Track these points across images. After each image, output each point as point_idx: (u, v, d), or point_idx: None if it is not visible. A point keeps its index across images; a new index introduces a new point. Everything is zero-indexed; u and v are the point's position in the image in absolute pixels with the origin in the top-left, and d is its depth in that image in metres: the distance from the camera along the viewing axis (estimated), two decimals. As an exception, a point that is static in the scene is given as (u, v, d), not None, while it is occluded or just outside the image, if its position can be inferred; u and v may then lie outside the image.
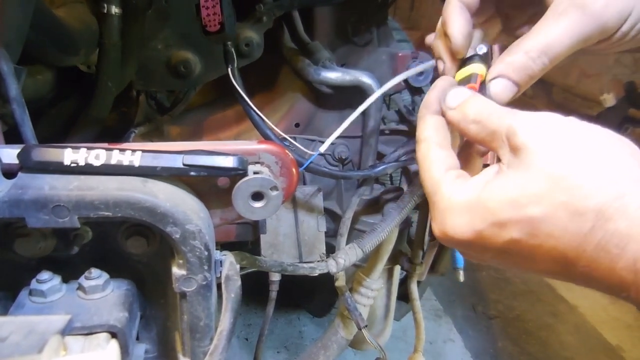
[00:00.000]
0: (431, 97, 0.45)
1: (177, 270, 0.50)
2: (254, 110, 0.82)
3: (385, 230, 0.79)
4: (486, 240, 0.35)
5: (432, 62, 0.56)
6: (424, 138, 0.43)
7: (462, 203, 0.37)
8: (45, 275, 0.50)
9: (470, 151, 0.47)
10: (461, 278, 0.92)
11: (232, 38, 0.79)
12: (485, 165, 0.43)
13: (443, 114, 0.43)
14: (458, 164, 0.42)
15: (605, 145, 0.33)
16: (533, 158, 0.34)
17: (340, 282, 0.89)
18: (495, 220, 0.35)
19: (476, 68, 0.45)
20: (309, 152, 0.77)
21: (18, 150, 0.47)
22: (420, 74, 0.97)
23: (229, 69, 0.80)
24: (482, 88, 0.44)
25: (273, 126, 0.82)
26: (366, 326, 0.87)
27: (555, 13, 0.40)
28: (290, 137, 1.01)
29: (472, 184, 0.38)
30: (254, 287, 1.02)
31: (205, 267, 0.50)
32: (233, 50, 0.80)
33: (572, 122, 0.35)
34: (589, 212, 0.31)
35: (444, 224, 0.38)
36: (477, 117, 0.39)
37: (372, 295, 0.97)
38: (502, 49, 0.48)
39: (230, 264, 0.54)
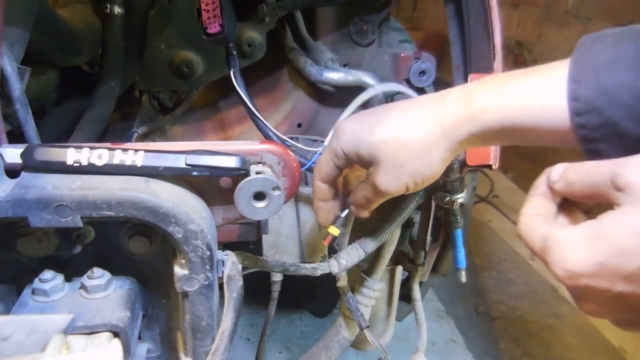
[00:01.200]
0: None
1: (179, 270, 0.50)
2: (256, 113, 0.82)
3: (387, 231, 0.79)
4: (612, 271, 0.35)
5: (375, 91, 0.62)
6: (523, 213, 0.44)
7: (579, 237, 0.37)
8: (47, 274, 0.50)
9: (573, 208, 0.47)
10: (463, 279, 0.91)
11: (232, 40, 0.80)
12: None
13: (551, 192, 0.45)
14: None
15: None
16: None
17: (342, 282, 0.89)
18: (618, 250, 0.35)
19: (332, 229, 0.65)
20: (312, 149, 0.77)
21: (21, 150, 0.47)
22: (423, 74, 0.97)
23: (232, 72, 0.80)
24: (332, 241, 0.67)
25: (275, 130, 0.82)
26: (368, 327, 0.87)
27: None
28: (293, 138, 1.01)
29: (585, 223, 0.38)
30: (256, 287, 1.03)
31: (208, 267, 0.50)
32: (235, 53, 0.80)
33: None
34: None
35: (564, 262, 0.38)
36: (577, 178, 0.41)
37: (373, 295, 0.97)
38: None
39: (232, 264, 0.54)
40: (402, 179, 0.56)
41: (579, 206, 0.44)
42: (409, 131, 0.54)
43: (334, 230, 0.65)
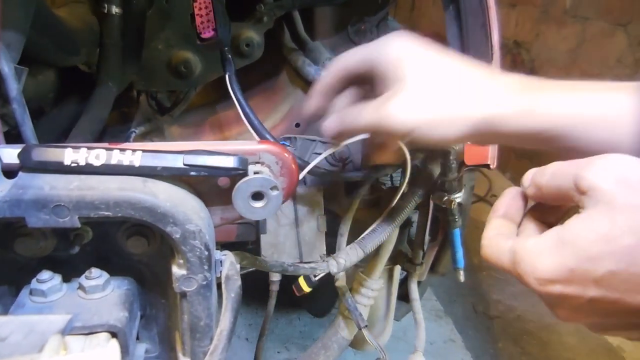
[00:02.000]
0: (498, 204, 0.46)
1: (177, 270, 0.50)
2: (252, 118, 0.82)
3: (386, 231, 0.79)
4: (582, 277, 0.35)
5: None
6: (484, 237, 0.44)
7: (547, 244, 0.37)
8: (45, 274, 0.50)
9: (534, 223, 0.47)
10: (462, 278, 0.92)
11: (227, 44, 0.80)
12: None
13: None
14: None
15: None
16: (611, 193, 0.35)
17: (341, 282, 0.89)
18: (587, 255, 0.35)
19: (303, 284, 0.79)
20: (316, 151, 0.78)
21: (18, 150, 0.47)
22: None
23: (227, 76, 0.80)
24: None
25: (272, 136, 0.83)
26: (366, 326, 0.87)
27: None
28: (291, 138, 1.01)
29: (552, 230, 0.38)
30: (254, 287, 1.03)
31: (206, 267, 0.50)
32: (230, 57, 0.81)
33: (624, 156, 0.37)
34: None
35: (534, 270, 0.37)
36: (545, 182, 0.41)
37: (372, 295, 0.97)
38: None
39: (230, 264, 0.54)
40: (416, 115, 0.49)
41: (545, 218, 0.44)
42: (458, 74, 0.50)
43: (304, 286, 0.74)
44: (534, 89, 0.49)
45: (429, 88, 0.50)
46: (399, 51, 0.52)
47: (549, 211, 0.44)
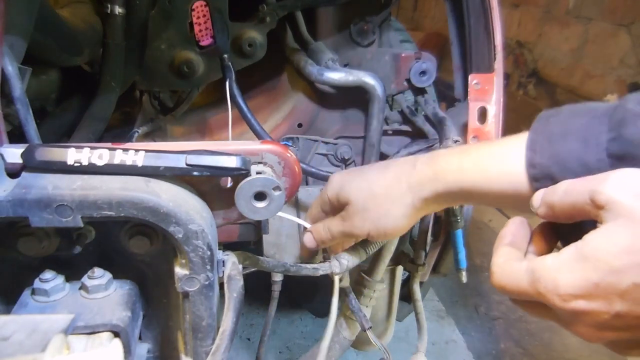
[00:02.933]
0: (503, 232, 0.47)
1: (179, 270, 0.50)
2: (254, 123, 0.83)
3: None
4: (606, 291, 0.35)
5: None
6: (494, 264, 0.44)
7: (568, 259, 0.37)
8: (48, 274, 0.50)
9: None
10: (464, 279, 0.91)
11: (226, 51, 0.81)
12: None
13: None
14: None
15: None
16: (631, 206, 0.35)
17: (345, 283, 0.89)
18: (610, 268, 0.35)
19: None
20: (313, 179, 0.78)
21: (22, 150, 0.47)
22: (423, 74, 0.97)
23: (227, 82, 0.82)
24: None
25: (271, 137, 0.84)
26: (371, 327, 0.86)
27: None
28: (293, 138, 1.01)
29: (571, 246, 0.38)
30: (256, 287, 1.03)
31: (208, 267, 0.50)
32: (230, 64, 0.82)
33: (637, 170, 0.37)
34: None
35: (557, 286, 0.37)
36: (557, 200, 0.41)
37: (374, 296, 0.97)
38: None
39: (232, 264, 0.54)
40: (366, 224, 0.62)
41: (550, 240, 0.45)
42: (381, 183, 0.61)
43: None
44: (437, 158, 0.58)
45: (367, 202, 0.62)
46: (337, 184, 0.66)
47: (555, 233, 0.45)
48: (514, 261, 0.42)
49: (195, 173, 0.49)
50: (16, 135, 0.62)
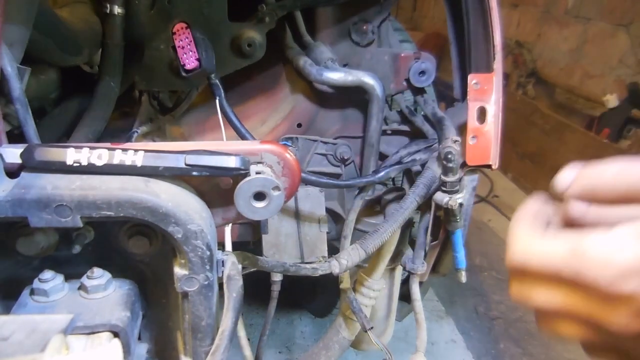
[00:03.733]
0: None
1: (179, 270, 0.50)
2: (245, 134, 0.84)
3: (387, 231, 0.79)
4: None
5: None
6: (518, 229, 0.39)
7: (624, 235, 0.33)
8: (47, 274, 0.50)
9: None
10: (463, 279, 0.91)
11: (212, 71, 0.82)
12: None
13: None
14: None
15: None
16: None
17: (345, 284, 0.89)
18: None
19: None
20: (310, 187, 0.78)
21: (21, 150, 0.47)
22: (423, 74, 0.97)
23: (217, 100, 0.82)
24: None
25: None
26: (372, 328, 0.86)
27: None
28: (292, 138, 1.01)
29: (625, 223, 0.33)
30: (256, 287, 1.03)
31: (207, 267, 0.50)
32: (218, 82, 0.82)
33: None
34: None
35: (609, 262, 0.33)
36: (606, 182, 0.37)
37: (373, 295, 0.97)
38: None
39: (232, 264, 0.54)
40: None
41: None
42: None
43: None
44: None
45: None
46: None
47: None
48: (544, 233, 0.38)
49: (194, 173, 0.49)
50: (15, 135, 0.62)
